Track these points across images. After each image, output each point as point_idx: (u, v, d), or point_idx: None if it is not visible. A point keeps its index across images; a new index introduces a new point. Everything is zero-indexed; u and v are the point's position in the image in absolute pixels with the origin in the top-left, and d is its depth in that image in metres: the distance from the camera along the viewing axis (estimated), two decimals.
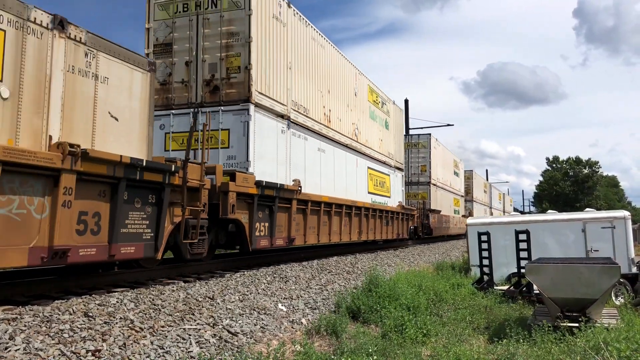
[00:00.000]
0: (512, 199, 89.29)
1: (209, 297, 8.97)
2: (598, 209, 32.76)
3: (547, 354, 7.74)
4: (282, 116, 14.21)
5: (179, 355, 6.51)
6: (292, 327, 9.08)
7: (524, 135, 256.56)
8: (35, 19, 7.20)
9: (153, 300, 8.09)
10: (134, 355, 6.12)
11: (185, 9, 13.33)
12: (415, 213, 28.28)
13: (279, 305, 9.89)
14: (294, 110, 14.95)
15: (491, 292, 13.27)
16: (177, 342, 6.82)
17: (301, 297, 10.92)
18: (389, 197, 24.04)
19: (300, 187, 14.48)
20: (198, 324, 7.65)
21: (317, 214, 15.87)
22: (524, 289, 13.01)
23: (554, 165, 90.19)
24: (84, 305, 7.16)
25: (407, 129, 39.82)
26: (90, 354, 5.83)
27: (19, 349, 5.51)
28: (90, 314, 6.82)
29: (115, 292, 8.41)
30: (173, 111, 13.08)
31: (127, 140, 8.78)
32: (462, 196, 44.12)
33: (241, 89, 12.67)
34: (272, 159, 13.62)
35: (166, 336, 6.87)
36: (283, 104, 14.26)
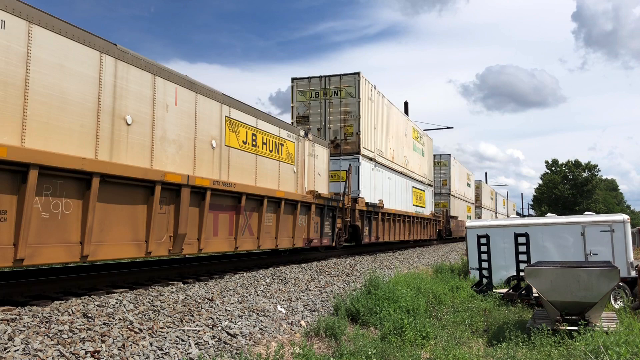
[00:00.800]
0: (514, 203, 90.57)
1: (208, 299, 8.96)
2: (597, 213, 32.82)
3: (546, 357, 7.74)
4: (371, 159, 21.87)
5: (178, 356, 6.50)
6: (291, 329, 9.07)
7: (523, 138, 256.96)
8: (301, 134, 15.53)
9: (152, 301, 8.09)
10: (133, 357, 6.11)
11: (317, 96, 21.01)
12: (441, 219, 35.51)
13: (278, 307, 9.89)
14: (377, 154, 22.70)
15: (490, 295, 13.27)
16: (176, 344, 6.82)
17: (300, 299, 10.92)
18: (424, 207, 31.40)
19: (383, 204, 22.56)
20: (197, 325, 7.64)
21: (390, 221, 23.88)
22: (523, 292, 13.01)
23: (553, 168, 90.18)
24: (83, 306, 7.16)
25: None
26: (89, 355, 5.83)
27: (18, 350, 5.50)
28: (90, 315, 6.81)
29: (114, 293, 8.40)
30: None
31: (322, 185, 17.17)
32: (472, 203, 50.97)
33: (354, 146, 20.51)
34: (367, 187, 21.16)
35: (165, 337, 6.86)
36: (372, 152, 21.96)
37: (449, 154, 40.63)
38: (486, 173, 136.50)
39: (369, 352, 7.56)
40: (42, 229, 7.15)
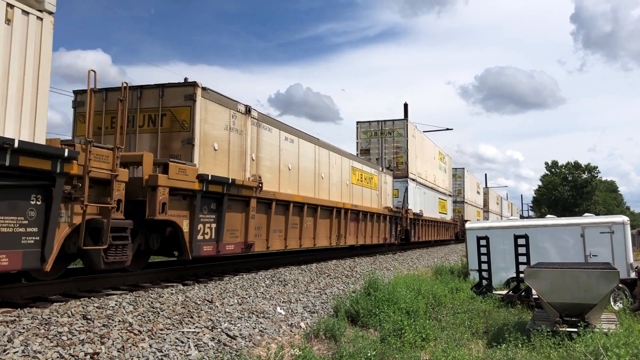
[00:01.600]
0: (517, 207, 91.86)
1: (207, 300, 8.96)
2: (597, 214, 32.85)
3: (545, 358, 7.74)
4: (414, 180, 29.51)
5: (177, 358, 6.50)
6: (291, 331, 9.07)
7: (522, 140, 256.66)
8: (380, 169, 24.89)
9: (152, 303, 8.08)
10: (132, 358, 6.11)
11: (375, 135, 29.31)
12: (458, 222, 42.65)
13: (278, 308, 9.88)
14: (417, 176, 30.56)
15: (490, 296, 13.26)
16: (176, 345, 6.81)
17: (300, 300, 10.91)
18: (447, 214, 39.24)
19: (422, 213, 30.21)
20: (197, 327, 7.64)
21: (426, 225, 31.92)
22: (523, 293, 13.00)
23: (553, 169, 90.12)
24: (83, 308, 7.16)
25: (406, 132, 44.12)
26: (88, 356, 5.82)
27: (17, 352, 5.50)
28: (89, 317, 6.81)
29: (113, 294, 8.40)
30: None
31: (389, 201, 25.70)
32: (481, 208, 58.31)
33: (403, 171, 28.45)
34: (412, 201, 28.50)
35: (165, 339, 6.86)
36: (414, 175, 29.81)
37: (463, 168, 49.65)
38: (486, 174, 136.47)
39: (369, 354, 7.55)
40: (305, 232, 15.66)
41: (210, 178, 10.48)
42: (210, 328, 7.76)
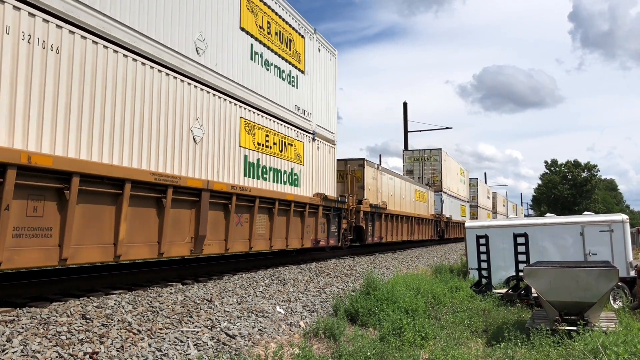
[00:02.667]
0: (522, 208, 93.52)
1: (207, 300, 8.96)
2: (596, 213, 32.88)
3: (545, 357, 7.74)
4: (446, 193, 38.86)
5: (176, 357, 6.50)
6: (290, 330, 9.07)
7: (521, 139, 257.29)
8: (428, 188, 36.38)
9: (151, 302, 8.08)
10: (131, 358, 6.10)
11: (417, 160, 39.59)
12: None
13: (277, 308, 9.88)
14: (447, 189, 39.83)
15: (489, 295, 13.26)
16: (175, 345, 6.81)
17: (299, 299, 10.91)
18: (465, 216, 47.17)
19: (452, 218, 40.05)
20: (196, 326, 7.64)
21: (455, 227, 41.35)
22: (522, 292, 13.00)
23: (553, 168, 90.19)
24: (82, 307, 7.15)
25: (406, 132, 44.48)
26: (88, 356, 5.82)
27: (16, 351, 5.50)
28: (88, 316, 6.81)
29: (113, 294, 8.40)
30: None
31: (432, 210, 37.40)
32: (490, 211, 66.53)
33: (439, 187, 38.27)
34: (447, 209, 39.09)
35: (164, 339, 6.86)
36: (446, 189, 39.18)
37: (477, 178, 59.09)
38: (485, 173, 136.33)
39: (368, 353, 7.55)
40: (403, 232, 27.77)
41: (373, 204, 22.29)
42: (209, 327, 7.76)
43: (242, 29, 12.42)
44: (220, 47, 11.49)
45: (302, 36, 15.90)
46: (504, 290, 14.03)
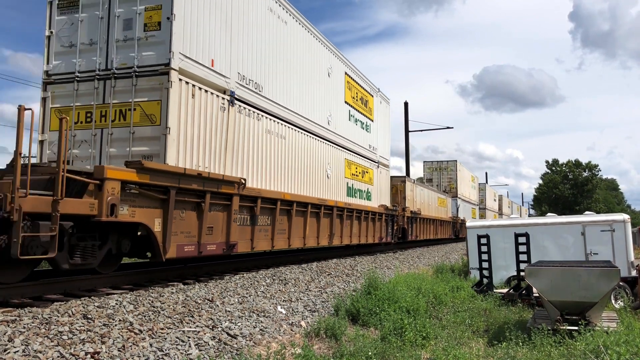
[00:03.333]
0: (527, 209, 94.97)
1: (208, 300, 8.96)
2: (597, 212, 32.86)
3: (546, 357, 7.74)
4: (460, 198, 45.85)
5: (178, 357, 6.50)
6: (292, 330, 9.07)
7: (522, 138, 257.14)
8: (451, 197, 44.27)
9: (152, 302, 8.08)
10: (133, 358, 6.11)
11: (436, 170, 47.90)
12: None
13: (278, 307, 9.88)
14: (461, 195, 46.62)
15: (490, 295, 13.26)
16: (177, 345, 6.82)
17: (300, 299, 10.91)
18: (475, 218, 50.36)
19: (465, 220, 39.48)
20: (197, 326, 7.64)
21: (465, 227, 44.03)
22: (524, 292, 13.00)
23: (554, 168, 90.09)
24: (83, 307, 7.16)
25: (407, 131, 44.39)
26: (89, 356, 5.82)
27: (18, 351, 5.50)
28: (90, 316, 6.82)
29: (114, 294, 8.40)
30: None
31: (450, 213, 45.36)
32: (497, 212, 71.11)
33: (454, 193, 45.73)
34: (461, 213, 46.68)
35: (165, 338, 6.86)
36: (460, 194, 45.76)
37: (485, 182, 66.65)
38: (486, 173, 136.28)
39: (369, 353, 7.55)
40: (436, 231, 36.56)
41: (413, 210, 28.95)
42: (210, 327, 7.77)
43: (346, 102, 19.49)
44: (336, 117, 18.39)
45: (372, 95, 22.97)
46: (505, 290, 14.02)
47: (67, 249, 7.96)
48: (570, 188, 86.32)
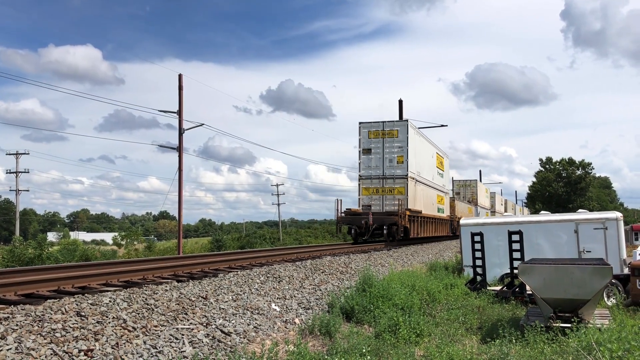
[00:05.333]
0: (526, 209, 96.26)
1: (202, 297, 8.95)
2: (590, 210, 33.06)
3: (539, 354, 7.78)
4: (480, 205, 57.33)
5: (171, 355, 6.49)
6: (286, 327, 9.08)
7: (515, 136, 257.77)
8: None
9: (146, 299, 8.06)
10: (126, 355, 6.09)
11: (462, 186, 56.44)
12: None
13: (273, 305, 9.89)
14: (482, 204, 59.74)
15: (484, 292, 13.31)
16: (170, 342, 6.81)
17: (294, 297, 10.92)
18: (473, 217, 56.16)
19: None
20: (191, 323, 7.63)
21: None
22: (517, 289, 13.06)
23: (547, 166, 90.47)
24: (77, 305, 7.13)
25: None
26: (82, 353, 5.81)
27: (10, 349, 5.48)
28: (83, 314, 6.79)
29: (107, 291, 8.38)
30: None
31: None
32: (489, 210, 73.68)
33: (475, 202, 57.76)
34: (479, 216, 57.88)
35: (159, 336, 6.85)
36: (479, 203, 57.23)
37: (495, 192, 72.51)
38: (480, 171, 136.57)
39: (363, 350, 7.57)
40: None
41: (457, 217, 44.67)
42: (204, 325, 7.76)
43: (436, 167, 35.57)
44: (433, 174, 34.40)
45: (443, 157, 38.99)
46: (498, 288, 14.09)
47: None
48: (563, 186, 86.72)
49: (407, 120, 27.23)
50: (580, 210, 19.83)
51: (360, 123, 27.52)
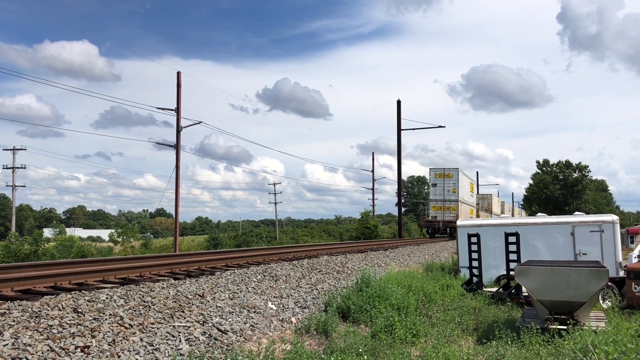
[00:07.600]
0: (527, 212, 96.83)
1: (199, 295, 8.95)
2: (587, 213, 33.16)
3: (535, 355, 7.80)
4: (496, 216, 62.28)
5: (168, 352, 6.49)
6: (282, 326, 9.08)
7: (512, 138, 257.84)
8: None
9: (143, 297, 8.06)
10: (123, 352, 6.09)
11: (483, 199, 63.85)
12: None
13: (269, 304, 9.89)
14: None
15: (480, 293, 13.33)
16: (167, 340, 6.81)
17: (291, 296, 10.92)
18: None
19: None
20: (188, 321, 7.63)
21: None
22: (513, 291, 13.09)
23: (544, 168, 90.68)
24: (74, 301, 7.12)
25: (400, 130, 44.21)
26: (79, 350, 5.80)
27: (7, 345, 5.47)
28: (80, 310, 6.78)
29: (104, 288, 8.37)
30: None
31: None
32: (498, 215, 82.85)
33: (487, 211, 69.84)
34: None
35: (156, 333, 6.85)
36: (495, 212, 63.97)
37: (504, 202, 75.91)
38: (477, 173, 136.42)
39: (360, 350, 7.58)
40: None
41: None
42: (201, 322, 7.76)
43: (470, 192, 50.03)
44: (469, 196, 49.32)
45: (472, 182, 54.47)
46: (494, 289, 14.11)
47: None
48: (560, 188, 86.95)
49: (457, 168, 43.21)
50: (576, 212, 19.88)
51: (430, 169, 44.78)
